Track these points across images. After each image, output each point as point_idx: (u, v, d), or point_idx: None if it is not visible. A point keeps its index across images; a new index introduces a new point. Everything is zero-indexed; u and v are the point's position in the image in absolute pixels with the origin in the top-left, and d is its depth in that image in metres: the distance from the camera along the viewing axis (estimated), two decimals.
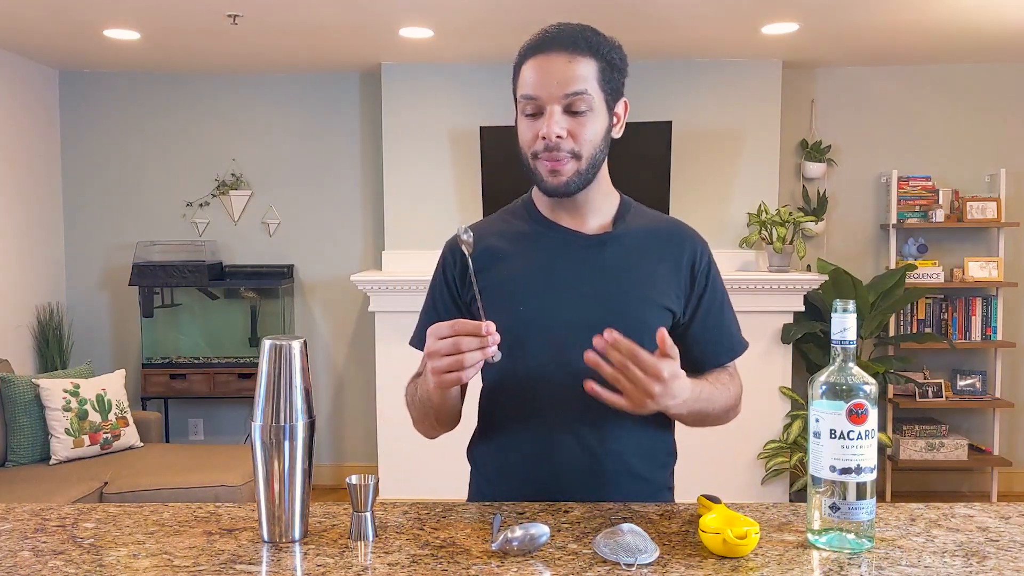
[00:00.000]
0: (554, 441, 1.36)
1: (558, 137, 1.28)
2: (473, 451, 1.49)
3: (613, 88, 1.33)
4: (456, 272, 1.42)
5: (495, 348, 1.17)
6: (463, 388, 1.38)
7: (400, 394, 1.47)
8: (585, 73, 1.29)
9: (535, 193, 1.45)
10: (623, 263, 1.38)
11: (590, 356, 1.16)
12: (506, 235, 1.42)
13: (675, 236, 1.43)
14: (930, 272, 4.43)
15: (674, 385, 1.18)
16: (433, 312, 1.44)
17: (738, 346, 1.45)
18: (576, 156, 1.31)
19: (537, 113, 1.30)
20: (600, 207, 1.42)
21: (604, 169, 1.40)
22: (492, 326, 1.17)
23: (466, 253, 1.27)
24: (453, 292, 1.43)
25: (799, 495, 4.12)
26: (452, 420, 1.39)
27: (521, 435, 1.38)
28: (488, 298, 1.34)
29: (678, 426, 1.42)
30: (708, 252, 1.44)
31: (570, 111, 1.29)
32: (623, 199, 1.46)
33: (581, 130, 1.30)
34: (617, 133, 1.38)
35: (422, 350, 1.40)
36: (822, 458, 1.12)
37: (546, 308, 1.35)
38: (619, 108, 1.37)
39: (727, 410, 1.40)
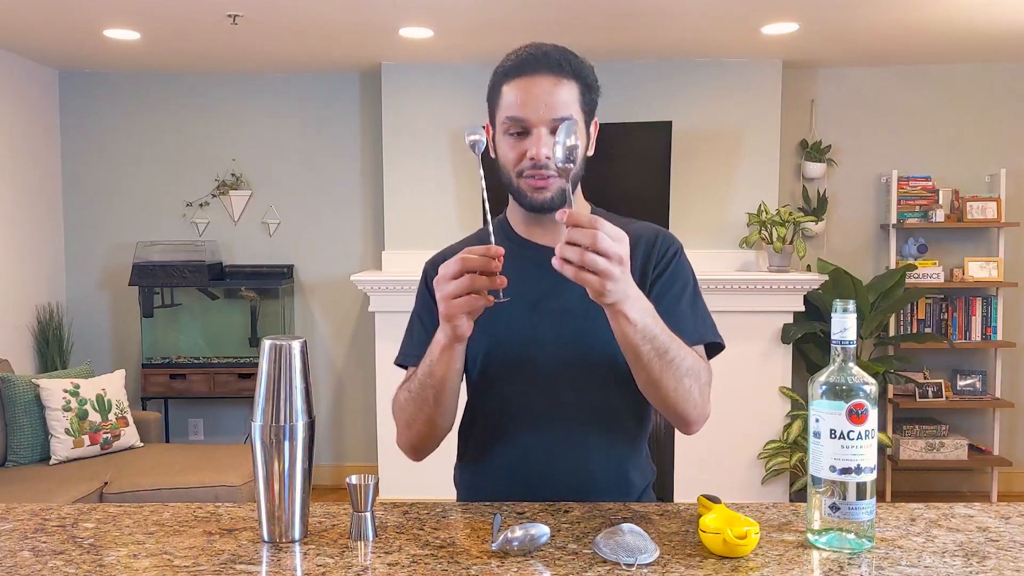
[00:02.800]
0: (529, 463, 1.38)
1: (547, 157, 1.31)
2: (457, 468, 1.53)
3: (590, 109, 1.38)
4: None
5: (503, 280, 1.18)
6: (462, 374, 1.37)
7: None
8: (569, 98, 1.33)
9: (510, 212, 1.48)
10: None
11: (555, 263, 1.12)
12: None
13: (642, 237, 1.42)
14: (930, 272, 4.43)
15: (627, 270, 1.14)
16: (420, 327, 1.45)
17: (696, 335, 1.36)
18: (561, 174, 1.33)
19: (522, 132, 1.33)
20: None
21: (579, 188, 1.44)
22: (501, 251, 1.17)
23: (477, 153, 1.26)
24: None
25: (799, 495, 4.12)
26: (452, 402, 1.35)
27: (497, 455, 1.41)
28: None
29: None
30: (675, 246, 1.43)
31: (555, 131, 1.31)
32: (593, 211, 1.47)
33: None
34: (591, 152, 1.41)
35: (407, 366, 1.45)
36: (822, 458, 1.12)
37: (521, 327, 1.36)
38: (592, 128, 1.40)
39: (690, 377, 1.27)
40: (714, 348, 1.40)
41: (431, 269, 1.45)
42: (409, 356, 1.45)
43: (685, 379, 1.26)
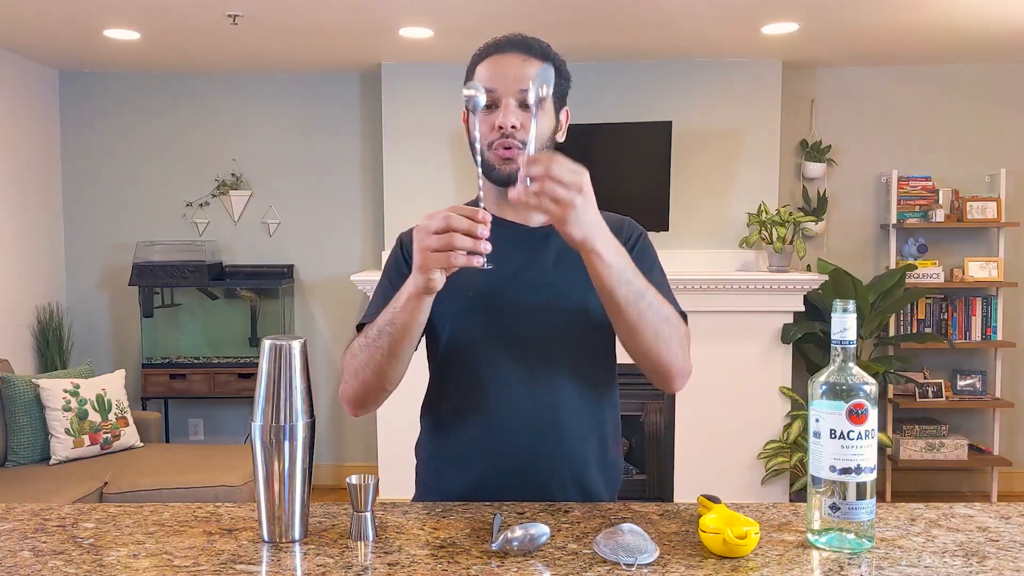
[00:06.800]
0: (499, 425, 1.40)
1: (512, 127, 1.37)
2: (420, 446, 1.54)
3: (560, 94, 1.45)
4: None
5: (487, 246, 1.17)
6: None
7: (399, 393, 1.46)
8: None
9: (483, 192, 1.49)
10: (564, 253, 1.39)
11: (514, 194, 1.15)
12: None
13: (609, 224, 1.48)
14: (930, 272, 4.43)
15: (591, 202, 1.19)
16: (390, 287, 1.45)
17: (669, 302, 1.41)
18: (527, 147, 1.37)
19: (491, 106, 1.39)
20: None
21: None
22: (488, 215, 1.17)
23: (473, 110, 1.29)
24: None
25: (799, 495, 4.11)
26: (405, 356, 1.35)
27: (467, 420, 1.43)
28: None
29: (678, 424, 1.43)
30: (639, 230, 1.51)
31: (523, 106, 1.38)
32: None
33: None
34: (561, 137, 1.48)
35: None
36: (822, 458, 1.12)
37: (494, 292, 1.41)
38: (562, 115, 1.47)
39: (669, 325, 1.32)
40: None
41: (406, 238, 1.50)
42: (371, 315, 1.45)
43: (664, 325, 1.30)
